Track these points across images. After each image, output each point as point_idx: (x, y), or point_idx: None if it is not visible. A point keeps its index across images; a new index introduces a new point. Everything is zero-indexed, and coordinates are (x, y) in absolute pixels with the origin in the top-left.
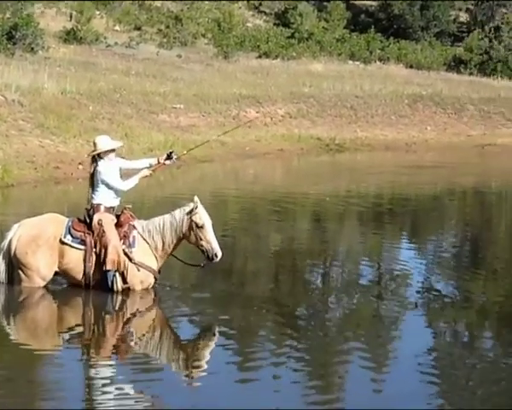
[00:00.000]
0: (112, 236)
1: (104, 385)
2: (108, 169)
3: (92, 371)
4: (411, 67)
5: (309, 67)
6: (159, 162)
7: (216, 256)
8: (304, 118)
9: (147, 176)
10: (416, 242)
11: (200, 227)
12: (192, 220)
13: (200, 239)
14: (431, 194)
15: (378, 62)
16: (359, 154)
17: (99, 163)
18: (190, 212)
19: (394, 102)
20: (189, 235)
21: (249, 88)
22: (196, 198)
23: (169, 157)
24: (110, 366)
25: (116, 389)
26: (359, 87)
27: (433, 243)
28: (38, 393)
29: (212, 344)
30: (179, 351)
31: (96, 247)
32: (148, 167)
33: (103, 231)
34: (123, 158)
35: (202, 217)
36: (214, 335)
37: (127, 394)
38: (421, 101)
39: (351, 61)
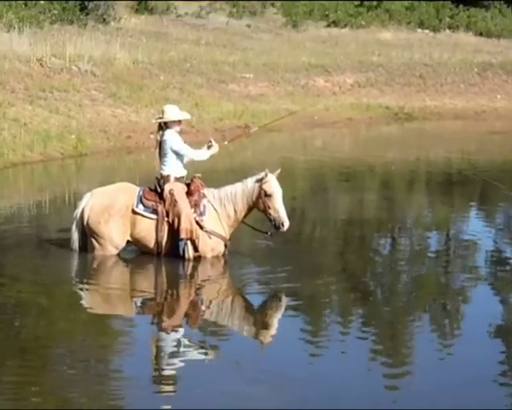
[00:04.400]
0: (184, 205)
1: (174, 351)
2: (175, 138)
3: (163, 337)
4: (481, 34)
5: (378, 35)
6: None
7: (283, 225)
8: (372, 87)
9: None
10: (484, 210)
11: (269, 195)
12: (262, 188)
13: (268, 207)
14: (500, 162)
15: (447, 30)
16: (428, 122)
17: (165, 132)
18: (261, 180)
19: (464, 70)
20: (257, 202)
21: (318, 57)
22: (267, 171)
23: (209, 147)
24: (181, 332)
25: (185, 355)
26: (428, 56)
27: (502, 210)
28: (110, 358)
29: (282, 312)
30: (249, 318)
31: (168, 216)
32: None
33: (175, 201)
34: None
35: (272, 186)
36: (283, 303)
37: (196, 359)
38: (491, 69)
39: (420, 30)
